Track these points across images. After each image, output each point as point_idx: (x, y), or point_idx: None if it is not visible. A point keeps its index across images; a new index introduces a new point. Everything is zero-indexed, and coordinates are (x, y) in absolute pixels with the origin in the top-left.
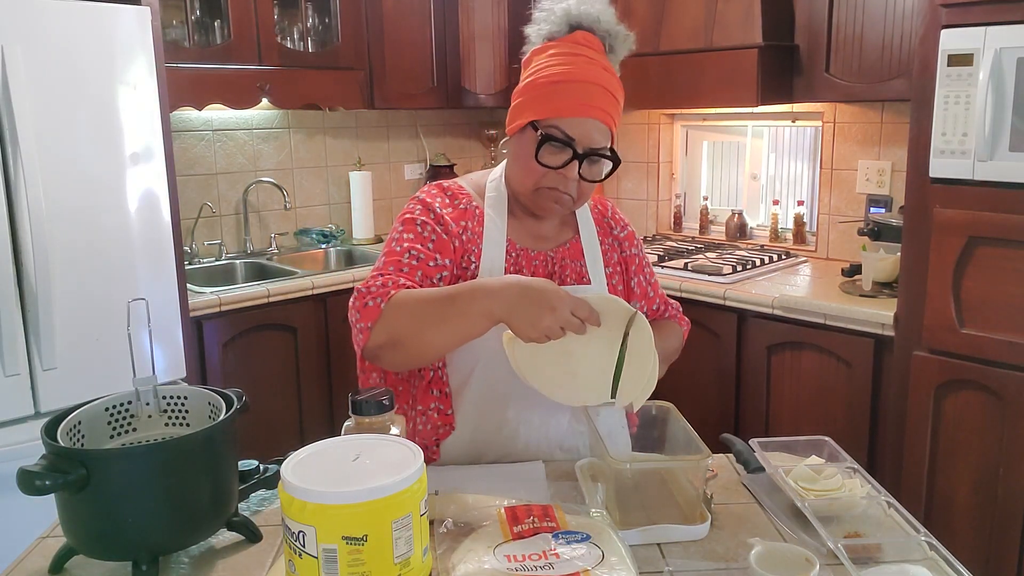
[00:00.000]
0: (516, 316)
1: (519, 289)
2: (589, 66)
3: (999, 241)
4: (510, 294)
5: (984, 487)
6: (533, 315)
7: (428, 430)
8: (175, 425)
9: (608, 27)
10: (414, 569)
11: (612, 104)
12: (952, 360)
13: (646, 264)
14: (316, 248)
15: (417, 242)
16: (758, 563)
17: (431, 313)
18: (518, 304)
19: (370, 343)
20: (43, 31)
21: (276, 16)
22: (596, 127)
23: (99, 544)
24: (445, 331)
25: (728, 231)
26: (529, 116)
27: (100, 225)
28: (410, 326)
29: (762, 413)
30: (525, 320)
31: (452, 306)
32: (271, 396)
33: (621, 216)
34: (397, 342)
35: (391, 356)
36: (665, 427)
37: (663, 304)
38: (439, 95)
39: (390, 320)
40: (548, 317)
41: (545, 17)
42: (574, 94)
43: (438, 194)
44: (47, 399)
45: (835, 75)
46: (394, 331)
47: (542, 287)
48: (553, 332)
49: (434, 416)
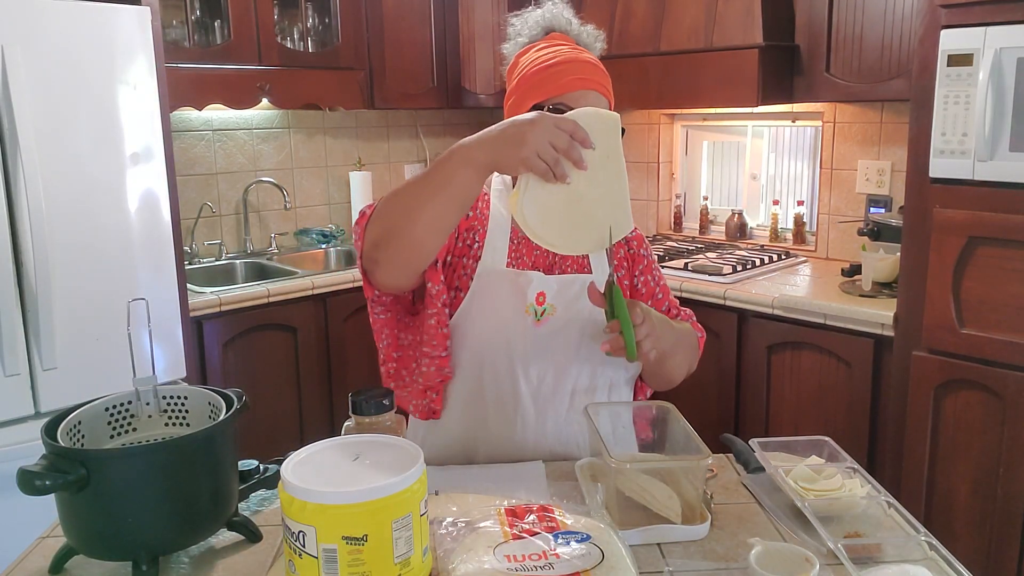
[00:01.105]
0: (497, 149)
1: (496, 127)
2: (575, 51)
3: (999, 241)
4: (487, 134)
5: (984, 487)
6: (514, 138)
7: (432, 372)
8: (175, 425)
9: (578, 30)
10: (414, 569)
11: (606, 79)
12: (952, 360)
13: (655, 268)
14: (316, 248)
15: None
16: (758, 563)
17: (416, 188)
18: (497, 137)
19: (366, 244)
20: (43, 31)
21: (276, 16)
22: (597, 99)
23: (99, 544)
24: (432, 200)
25: (728, 231)
26: (532, 100)
27: (100, 225)
28: (399, 209)
29: (762, 413)
30: (508, 148)
31: (434, 171)
32: (271, 396)
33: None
34: (390, 231)
35: (387, 252)
36: (665, 427)
37: (674, 308)
38: (439, 95)
39: (381, 213)
40: (529, 133)
41: (519, 31)
42: (571, 72)
43: None
44: (47, 399)
45: (835, 75)
46: (386, 221)
47: (518, 117)
48: (544, 150)
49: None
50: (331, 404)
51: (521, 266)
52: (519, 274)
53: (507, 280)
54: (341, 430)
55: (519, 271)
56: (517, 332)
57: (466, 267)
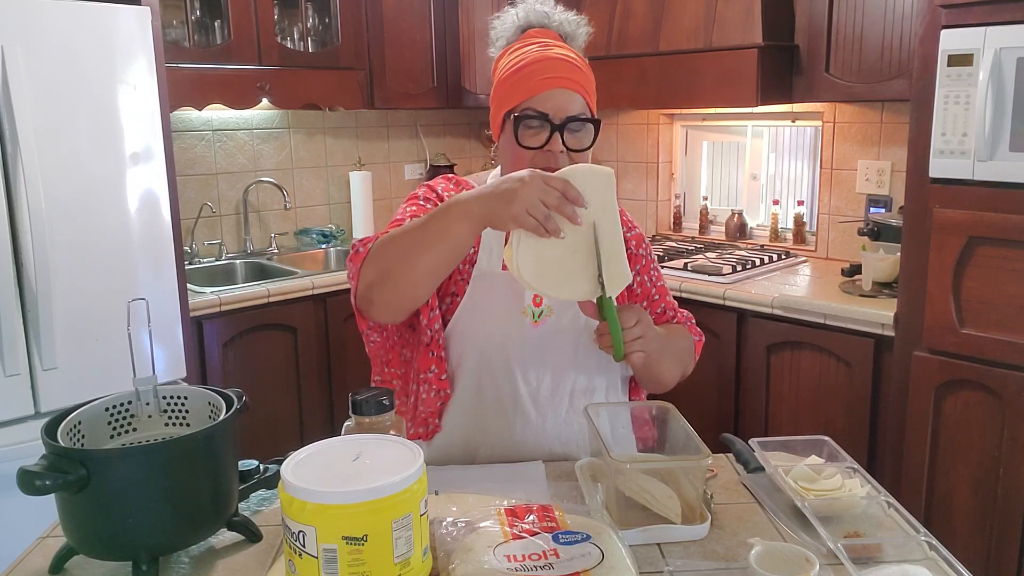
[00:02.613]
0: (491, 205)
1: (492, 184)
2: (543, 49)
3: (999, 241)
4: (482, 189)
5: (984, 487)
6: (505, 196)
7: (431, 397)
8: (175, 425)
9: (559, 19)
10: (414, 569)
11: (577, 72)
12: (952, 360)
13: (653, 268)
14: (316, 248)
15: (420, 212)
16: (758, 563)
17: (414, 235)
18: (491, 193)
19: (361, 284)
20: (43, 31)
21: (276, 16)
22: (565, 96)
23: (99, 544)
24: (430, 249)
25: (728, 231)
26: (504, 108)
27: (100, 225)
28: (396, 254)
29: (762, 413)
30: (500, 205)
31: (432, 221)
32: (271, 396)
33: (630, 218)
34: (386, 274)
35: (382, 294)
36: (665, 427)
37: (671, 310)
38: (439, 95)
39: (377, 255)
40: (520, 191)
41: (499, 34)
42: (535, 73)
43: (442, 180)
44: (47, 399)
45: (835, 75)
46: (382, 264)
47: (511, 175)
48: (534, 207)
49: (433, 383)
50: (331, 404)
51: None
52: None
53: (503, 283)
54: (341, 430)
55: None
56: (515, 334)
57: (462, 272)
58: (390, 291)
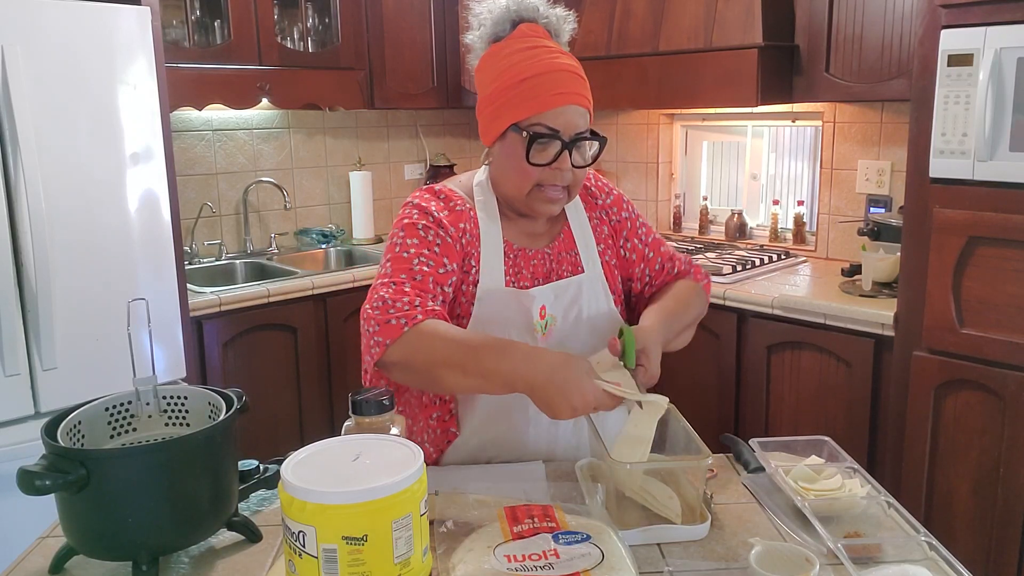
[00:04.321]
0: (538, 397)
1: (548, 370)
2: (550, 55)
3: (999, 241)
4: (538, 372)
5: (984, 487)
6: (555, 403)
7: (437, 436)
8: (175, 425)
9: (548, 14)
10: (414, 569)
11: (583, 85)
12: (952, 360)
13: (640, 225)
14: (316, 248)
15: (424, 247)
16: (758, 563)
17: (452, 357)
18: (543, 387)
19: (384, 359)
20: (43, 31)
21: (276, 16)
22: (576, 112)
23: (99, 544)
24: (461, 379)
25: (728, 231)
26: (509, 119)
27: (100, 225)
28: (428, 360)
29: (762, 413)
30: (545, 404)
31: (475, 360)
32: (271, 396)
33: (605, 182)
34: (411, 368)
35: (401, 375)
36: (665, 427)
37: (669, 262)
38: (439, 95)
39: (410, 346)
40: (567, 412)
41: (484, 20)
42: (547, 86)
43: (431, 198)
44: (47, 399)
45: (835, 75)
46: (411, 358)
47: (570, 376)
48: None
49: (435, 425)
50: (331, 404)
51: (520, 279)
52: (521, 294)
53: (510, 301)
54: (341, 430)
55: (520, 291)
56: None
57: (466, 293)
58: (410, 380)
